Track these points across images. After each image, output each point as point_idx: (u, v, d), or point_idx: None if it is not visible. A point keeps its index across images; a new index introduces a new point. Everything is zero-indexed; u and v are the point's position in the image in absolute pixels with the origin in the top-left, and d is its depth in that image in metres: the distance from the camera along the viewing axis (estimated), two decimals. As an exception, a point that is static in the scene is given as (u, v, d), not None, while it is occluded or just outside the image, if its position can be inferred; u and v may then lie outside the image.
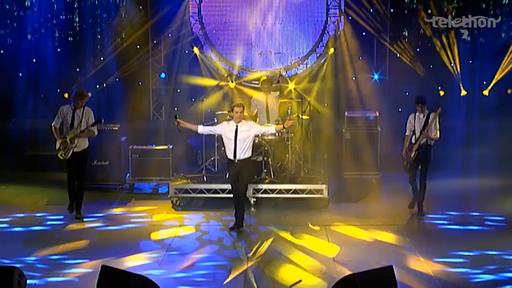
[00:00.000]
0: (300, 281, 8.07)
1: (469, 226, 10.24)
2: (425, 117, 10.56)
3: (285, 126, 10.38)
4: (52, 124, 10.62)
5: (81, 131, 10.47)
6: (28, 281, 5.81)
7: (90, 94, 11.04)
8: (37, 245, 9.45)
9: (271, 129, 10.45)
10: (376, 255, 8.96)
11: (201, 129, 10.42)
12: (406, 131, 10.83)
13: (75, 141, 10.49)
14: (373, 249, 9.23)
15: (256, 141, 11.45)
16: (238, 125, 9.98)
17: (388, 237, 9.77)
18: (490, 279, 8.08)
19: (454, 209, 11.03)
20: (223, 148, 10.41)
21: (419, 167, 10.68)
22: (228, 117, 12.20)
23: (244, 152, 9.97)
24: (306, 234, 9.89)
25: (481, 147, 13.49)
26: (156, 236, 9.96)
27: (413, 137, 10.70)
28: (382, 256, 8.87)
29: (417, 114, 10.67)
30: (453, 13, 14.44)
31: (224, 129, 10.14)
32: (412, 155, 10.59)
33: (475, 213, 10.82)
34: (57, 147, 10.59)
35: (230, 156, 10.04)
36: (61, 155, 10.55)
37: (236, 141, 9.92)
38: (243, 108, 10.07)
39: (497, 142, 13.46)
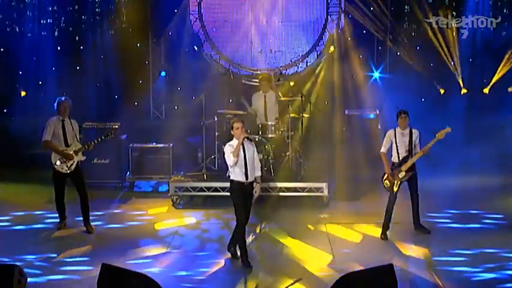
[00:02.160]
0: (300, 279, 8.06)
1: (469, 224, 10.25)
2: (408, 133, 9.64)
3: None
4: (44, 139, 9.89)
5: (90, 144, 9.99)
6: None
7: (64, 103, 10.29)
8: (37, 243, 9.47)
9: (258, 170, 8.89)
10: (376, 253, 8.97)
11: (234, 161, 8.63)
12: (382, 148, 9.83)
13: (80, 155, 9.98)
14: (374, 247, 9.23)
15: (257, 139, 11.47)
16: (244, 142, 8.70)
17: (388, 234, 9.76)
18: (490, 277, 8.08)
19: (453, 207, 11.04)
20: (227, 173, 8.93)
21: (409, 185, 9.79)
22: (227, 116, 12.21)
23: (253, 172, 8.75)
24: (306, 232, 9.90)
25: (481, 145, 13.48)
26: (156, 234, 9.97)
27: (395, 155, 9.73)
28: (382, 254, 8.88)
29: (398, 130, 9.69)
30: (453, 13, 14.44)
31: (231, 151, 8.70)
32: (403, 175, 9.61)
33: (474, 212, 10.84)
34: (55, 161, 9.88)
35: (241, 178, 8.66)
36: (63, 168, 9.85)
37: (246, 160, 8.66)
38: (243, 123, 8.80)
39: (497, 140, 13.46)
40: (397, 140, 9.65)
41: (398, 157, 9.69)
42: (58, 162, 9.87)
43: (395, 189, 9.67)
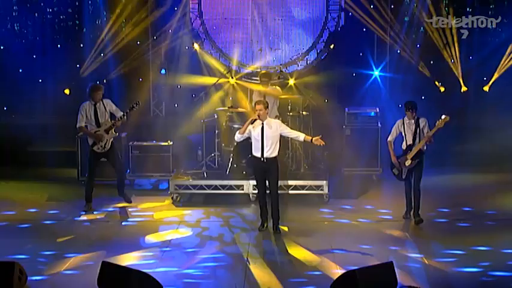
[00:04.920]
0: (299, 277, 8.06)
1: (469, 222, 10.24)
2: (414, 122, 10.12)
3: (313, 140, 9.75)
4: (79, 126, 10.77)
5: (117, 120, 10.79)
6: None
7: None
8: (37, 240, 9.46)
9: (299, 136, 9.95)
10: (376, 251, 8.96)
11: (238, 137, 10.03)
12: (389, 137, 10.34)
13: (112, 132, 10.81)
14: (373, 245, 9.23)
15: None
16: (264, 122, 9.69)
17: (389, 232, 9.78)
18: (490, 275, 8.08)
19: (453, 205, 11.04)
20: (249, 153, 10.01)
21: (413, 173, 10.18)
22: (228, 113, 12.22)
23: (271, 150, 9.70)
24: (306, 230, 9.90)
25: (480, 143, 13.48)
26: (156, 232, 9.97)
27: (404, 143, 10.21)
28: (382, 252, 8.88)
29: (406, 119, 10.20)
30: (453, 13, 14.42)
31: (252, 129, 9.77)
32: (408, 163, 10.07)
33: (474, 210, 10.83)
34: (91, 143, 10.79)
35: (257, 154, 9.74)
36: (98, 148, 10.77)
37: (263, 140, 9.64)
38: (264, 105, 9.71)
39: (496, 138, 13.47)
40: (404, 129, 10.18)
41: (406, 144, 10.18)
42: (91, 143, 10.78)
43: (403, 176, 10.18)
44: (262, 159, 9.70)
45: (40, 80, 14.95)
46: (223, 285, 7.99)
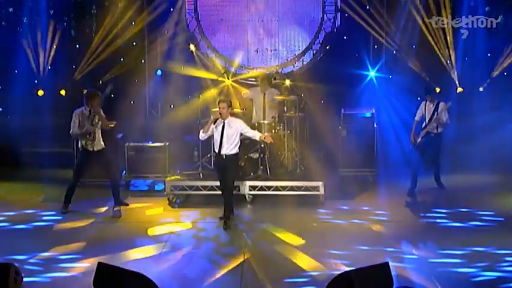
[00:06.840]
0: (295, 278, 8.07)
1: (466, 223, 10.26)
2: (434, 106, 11.57)
3: (264, 138, 10.29)
4: (72, 132, 10.76)
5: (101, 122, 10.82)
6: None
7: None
8: (33, 241, 9.44)
9: (255, 135, 10.36)
10: (372, 251, 8.97)
11: (202, 136, 10.51)
12: (415, 117, 11.89)
13: (95, 121, 10.73)
14: (370, 245, 9.23)
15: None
16: (225, 121, 10.09)
17: (385, 233, 9.79)
18: (487, 275, 8.09)
19: (451, 206, 11.05)
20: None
21: (426, 154, 11.67)
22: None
23: (230, 148, 10.10)
24: (302, 231, 9.89)
25: (476, 143, 13.50)
26: (152, 233, 9.96)
27: (424, 123, 11.69)
28: (378, 253, 8.88)
29: (427, 102, 11.68)
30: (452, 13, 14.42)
31: (214, 128, 10.21)
32: (419, 141, 11.61)
33: (471, 210, 10.85)
34: (84, 142, 10.73)
35: (217, 150, 10.21)
36: (91, 146, 10.72)
37: (222, 137, 10.05)
38: (228, 104, 10.06)
39: (492, 139, 13.49)
40: (425, 110, 11.71)
41: (426, 124, 11.70)
42: (84, 143, 10.71)
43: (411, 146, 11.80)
44: (222, 156, 10.12)
45: (36, 81, 14.92)
46: (220, 286, 7.99)
